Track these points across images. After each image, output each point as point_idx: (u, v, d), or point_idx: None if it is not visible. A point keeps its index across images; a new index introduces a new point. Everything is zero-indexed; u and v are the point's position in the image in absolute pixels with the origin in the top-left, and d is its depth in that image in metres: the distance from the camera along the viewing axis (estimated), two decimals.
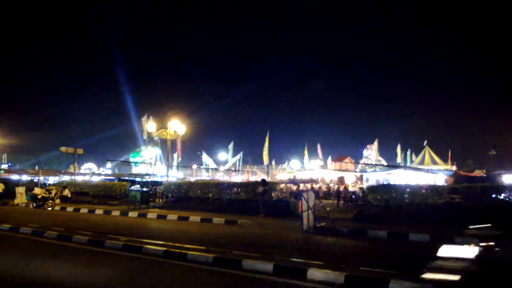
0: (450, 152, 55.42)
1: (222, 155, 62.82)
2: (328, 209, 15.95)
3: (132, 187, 21.88)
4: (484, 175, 36.38)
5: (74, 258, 8.89)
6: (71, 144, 30.72)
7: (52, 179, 40.23)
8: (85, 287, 6.61)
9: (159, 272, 7.56)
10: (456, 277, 6.21)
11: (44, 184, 31.79)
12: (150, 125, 30.42)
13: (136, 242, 10.02)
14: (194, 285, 6.92)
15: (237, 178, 50.01)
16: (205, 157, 59.94)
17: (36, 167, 48.36)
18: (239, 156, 61.22)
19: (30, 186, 25.45)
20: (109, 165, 59.91)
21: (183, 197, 20.80)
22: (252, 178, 45.97)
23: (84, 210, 19.80)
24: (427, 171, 33.81)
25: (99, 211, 19.30)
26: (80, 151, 29.28)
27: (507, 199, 14.41)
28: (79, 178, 34.53)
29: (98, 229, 12.81)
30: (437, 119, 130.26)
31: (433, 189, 15.62)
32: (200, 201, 20.16)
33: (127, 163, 45.37)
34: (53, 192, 21.82)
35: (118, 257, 8.81)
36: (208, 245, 9.60)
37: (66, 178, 37.46)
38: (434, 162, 49.98)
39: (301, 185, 32.17)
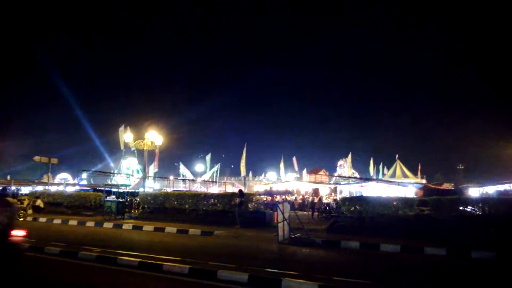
0: (420, 166, 57.11)
1: (199, 167, 62.56)
2: (303, 220, 16.20)
3: (108, 198, 21.61)
4: (453, 188, 37.49)
5: (45, 269, 8.78)
6: (46, 154, 30.02)
7: (24, 189, 39.20)
8: None
9: (134, 283, 7.58)
10: None
11: (16, 194, 30.96)
12: (127, 136, 30.07)
13: (111, 253, 9.98)
14: None
15: (214, 189, 49.88)
16: (182, 168, 59.59)
17: (8, 177, 46.94)
18: (217, 167, 61.18)
19: None
20: (84, 175, 58.74)
21: (160, 208, 20.68)
22: (229, 190, 45.96)
23: (57, 221, 19.43)
24: (398, 184, 34.69)
25: (73, 222, 18.98)
26: (54, 160, 28.73)
27: (473, 211, 14.97)
28: (53, 188, 33.77)
29: (71, 240, 12.66)
30: (408, 134, 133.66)
31: (404, 201, 16.06)
32: (176, 212, 20.08)
33: (103, 173, 44.60)
34: (25, 202, 21.32)
35: (91, 269, 8.77)
36: (184, 256, 9.67)
37: (39, 188, 36.59)
38: (405, 176, 51.36)
39: (277, 197, 32.45)
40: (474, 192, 31.59)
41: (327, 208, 24.37)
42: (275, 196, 34.08)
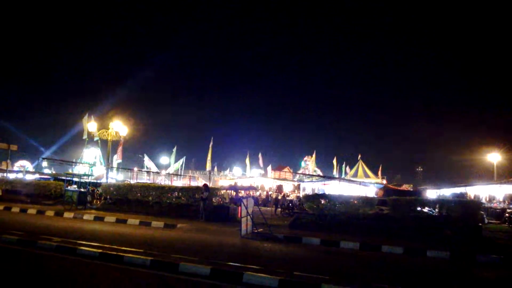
0: (381, 167, 58.87)
1: (164, 159, 61.73)
2: (266, 216, 16.42)
3: (69, 187, 21.09)
4: (411, 189, 38.86)
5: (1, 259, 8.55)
6: (5, 140, 28.82)
7: None
8: None
9: (94, 274, 7.50)
10: None
11: None
12: (91, 125, 29.33)
13: (71, 243, 9.81)
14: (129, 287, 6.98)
15: (179, 182, 49.46)
16: (147, 160, 58.51)
17: None
18: (182, 160, 60.57)
19: None
20: (45, 163, 56.64)
21: (123, 199, 20.39)
22: (194, 183, 45.74)
23: (15, 209, 18.80)
24: (360, 183, 35.63)
25: (32, 211, 18.41)
26: (13, 147, 27.72)
27: (430, 212, 15.67)
28: (11, 176, 32.49)
29: (29, 229, 12.31)
30: (371, 136, 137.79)
31: (365, 200, 16.59)
32: (139, 204, 19.87)
33: (65, 162, 43.25)
34: None
35: (50, 258, 8.60)
36: (146, 248, 9.64)
37: None
38: (367, 175, 52.78)
39: (242, 192, 32.60)
40: (431, 193, 32.88)
41: (290, 204, 24.74)
42: (239, 191, 34.22)
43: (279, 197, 28.02)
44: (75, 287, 6.68)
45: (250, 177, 50.28)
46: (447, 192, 32.73)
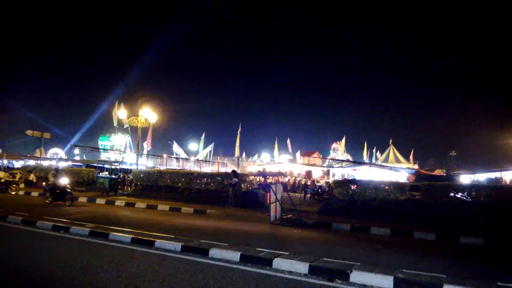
0: (413, 151, 57.53)
1: (193, 146, 62.51)
2: (295, 202, 16.32)
3: (101, 174, 21.58)
4: (444, 175, 37.84)
5: (37, 243, 8.81)
6: (39, 129, 29.73)
7: (17, 164, 38.93)
8: (51, 272, 6.59)
9: (126, 258, 7.61)
10: None
11: (9, 167, 30.80)
12: (121, 112, 29.85)
13: (103, 229, 10.01)
14: (162, 272, 7.05)
15: (207, 169, 49.99)
16: (176, 147, 59.47)
17: (0, 150, 46.58)
18: (210, 147, 61.15)
19: None
20: (77, 151, 58.46)
21: (153, 185, 20.73)
22: (222, 169, 46.09)
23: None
24: (391, 168, 34.96)
25: None
26: (47, 135, 28.50)
27: (464, 198, 15.15)
28: (45, 163, 33.61)
29: (63, 215, 12.67)
30: (403, 120, 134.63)
31: (396, 186, 16.22)
32: (169, 190, 20.15)
33: (96, 149, 44.42)
34: (18, 176, 21.26)
35: (83, 243, 8.81)
36: (177, 234, 9.73)
37: (31, 162, 36.37)
38: (398, 161, 51.83)
39: (270, 178, 32.60)
40: (465, 179, 31.90)
41: (320, 190, 24.55)
42: (268, 177, 34.24)
43: (308, 183, 27.85)
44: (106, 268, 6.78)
45: (279, 163, 50.23)
46: (482, 177, 31.71)
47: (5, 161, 33.82)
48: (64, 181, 16.32)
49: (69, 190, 16.21)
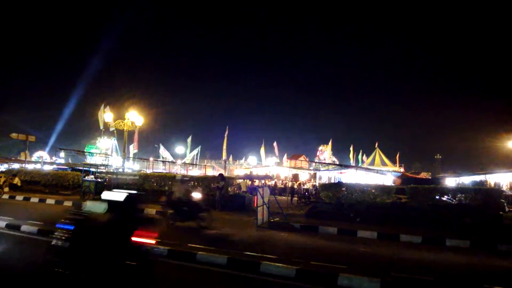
0: (399, 154, 58.16)
1: (179, 149, 62.21)
2: (282, 205, 16.33)
3: (86, 178, 21.31)
4: (430, 178, 38.29)
5: (23, 248, 8.66)
6: (24, 132, 29.22)
7: (0, 167, 38.22)
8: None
9: None
10: None
11: None
12: (107, 115, 29.55)
13: None
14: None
15: (194, 172, 49.76)
16: (162, 150, 59.10)
17: None
18: (197, 150, 60.91)
19: None
20: (62, 154, 57.60)
21: (139, 189, 20.50)
22: (210, 173, 45.96)
23: (34, 200, 19.07)
24: (377, 171, 35.29)
25: (50, 201, 18.66)
26: (32, 138, 28.05)
27: (449, 200, 15.35)
28: (30, 166, 33.03)
29: (49, 219, 12.46)
30: (388, 123, 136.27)
31: (382, 189, 16.35)
32: (155, 194, 19.96)
33: (82, 152, 43.85)
34: (2, 180, 20.85)
35: None
36: (162, 238, 9.65)
37: (16, 166, 35.75)
38: (384, 164, 52.33)
39: (257, 181, 32.60)
40: (450, 182, 32.31)
41: (306, 193, 24.64)
42: (254, 180, 34.23)
43: (295, 186, 27.93)
44: None
45: (266, 166, 50.25)
46: (467, 180, 32.10)
47: None
48: (196, 195, 13.23)
49: (204, 208, 12.52)
